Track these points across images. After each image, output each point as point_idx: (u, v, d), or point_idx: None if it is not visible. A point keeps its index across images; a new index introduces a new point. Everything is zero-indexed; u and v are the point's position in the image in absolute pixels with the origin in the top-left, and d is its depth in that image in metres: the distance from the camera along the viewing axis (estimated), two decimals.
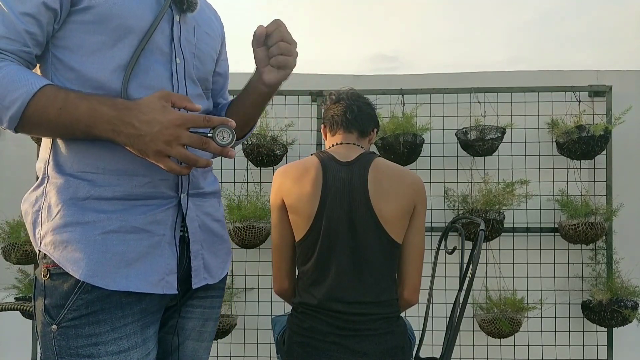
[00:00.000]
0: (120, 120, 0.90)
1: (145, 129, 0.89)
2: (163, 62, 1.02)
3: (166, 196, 1.02)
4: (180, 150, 0.91)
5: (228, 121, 0.93)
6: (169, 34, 1.03)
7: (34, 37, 0.92)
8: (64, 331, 0.94)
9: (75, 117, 0.90)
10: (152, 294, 0.99)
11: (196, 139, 0.91)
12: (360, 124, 1.72)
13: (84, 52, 0.96)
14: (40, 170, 1.00)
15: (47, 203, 0.97)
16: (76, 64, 0.96)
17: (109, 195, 0.96)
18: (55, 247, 0.95)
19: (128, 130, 0.89)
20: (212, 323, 1.19)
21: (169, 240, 1.01)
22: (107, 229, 0.95)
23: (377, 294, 1.59)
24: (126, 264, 0.96)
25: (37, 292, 0.99)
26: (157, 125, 0.89)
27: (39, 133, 0.97)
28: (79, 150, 0.96)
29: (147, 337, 1.00)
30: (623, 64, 4.91)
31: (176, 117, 0.90)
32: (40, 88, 0.89)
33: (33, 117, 0.89)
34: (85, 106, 0.90)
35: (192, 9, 1.06)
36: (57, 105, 0.89)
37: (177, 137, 0.90)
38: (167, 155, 0.91)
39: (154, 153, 0.90)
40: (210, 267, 1.11)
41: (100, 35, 0.95)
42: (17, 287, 2.65)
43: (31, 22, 0.91)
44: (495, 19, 7.13)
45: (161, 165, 0.92)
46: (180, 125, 0.90)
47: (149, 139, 0.89)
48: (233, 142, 0.93)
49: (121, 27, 0.96)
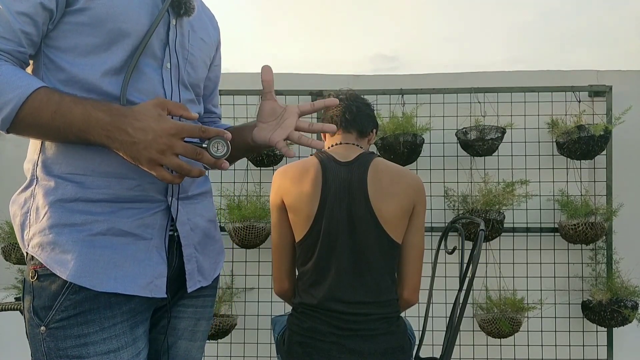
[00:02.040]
0: (114, 126, 0.88)
1: (139, 137, 0.88)
2: (155, 67, 1.01)
3: (155, 200, 1.01)
4: (173, 159, 0.90)
5: (224, 133, 0.93)
6: (163, 38, 1.02)
7: (29, 37, 0.91)
8: (53, 332, 0.94)
9: (69, 121, 0.89)
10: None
11: (190, 150, 0.90)
12: (359, 124, 1.72)
13: (77, 54, 0.95)
14: (29, 172, 0.99)
15: (35, 205, 0.96)
16: (68, 65, 0.95)
17: (98, 197, 0.96)
18: (42, 249, 0.94)
19: (122, 137, 0.88)
20: (205, 322, 1.18)
21: (157, 244, 1.01)
22: (94, 231, 0.95)
23: (377, 294, 1.59)
24: (114, 266, 0.95)
25: (25, 294, 0.98)
26: (151, 134, 0.88)
27: (31, 135, 0.96)
28: (68, 152, 0.96)
29: (137, 337, 1.00)
30: (623, 64, 4.91)
31: (171, 126, 0.89)
32: (34, 90, 0.88)
33: (26, 120, 0.88)
34: (80, 111, 0.89)
35: (189, 14, 1.04)
36: (51, 108, 0.88)
37: (170, 147, 0.89)
38: (160, 164, 0.90)
39: (147, 161, 0.89)
40: (203, 269, 1.11)
41: (95, 38, 0.95)
42: (17, 287, 2.65)
43: (27, 21, 0.90)
44: (495, 19, 7.13)
45: (153, 173, 0.91)
46: (175, 135, 0.89)
47: (142, 146, 0.88)
48: (227, 155, 0.93)
49: (116, 30, 0.95)
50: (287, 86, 2.76)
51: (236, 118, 2.74)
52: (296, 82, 2.80)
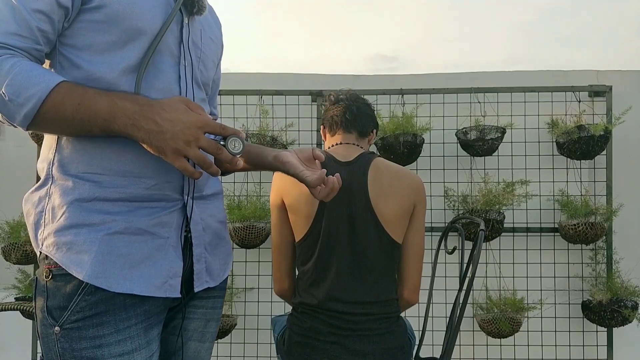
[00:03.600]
0: (141, 115, 0.89)
1: (167, 126, 0.89)
2: (172, 64, 1.02)
3: (171, 199, 1.02)
4: (197, 152, 0.91)
5: (240, 132, 0.97)
6: (177, 36, 1.03)
7: (46, 35, 0.91)
8: (67, 333, 0.93)
9: (94, 112, 0.89)
10: (156, 296, 0.99)
11: (213, 144, 0.93)
12: (360, 124, 1.72)
13: (93, 52, 0.95)
14: (43, 171, 0.99)
15: (51, 205, 0.96)
16: (84, 63, 0.95)
17: (115, 196, 0.96)
18: (58, 249, 0.94)
19: (149, 126, 0.89)
20: (214, 323, 1.18)
21: (173, 243, 1.01)
22: (112, 230, 0.95)
23: (377, 294, 1.59)
24: (130, 266, 0.95)
25: (38, 294, 0.97)
26: (179, 125, 0.90)
27: (52, 130, 0.96)
28: (85, 151, 0.95)
29: (151, 339, 1.00)
30: (623, 64, 4.92)
31: (198, 119, 0.91)
32: (57, 84, 0.88)
33: (48, 114, 0.88)
34: (105, 101, 0.89)
35: (201, 12, 1.06)
36: (75, 100, 0.89)
37: (196, 139, 0.91)
38: (185, 155, 0.91)
39: (173, 151, 0.90)
40: (212, 270, 1.11)
41: (111, 36, 0.95)
42: (17, 287, 2.65)
43: (43, 19, 0.90)
44: (495, 19, 7.13)
45: (176, 164, 0.92)
46: (201, 128, 0.91)
47: (169, 136, 0.89)
48: (242, 153, 0.97)
49: (132, 28, 0.95)
50: (287, 86, 2.76)
51: (236, 118, 2.74)
52: (296, 82, 2.80)
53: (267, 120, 2.71)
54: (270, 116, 2.74)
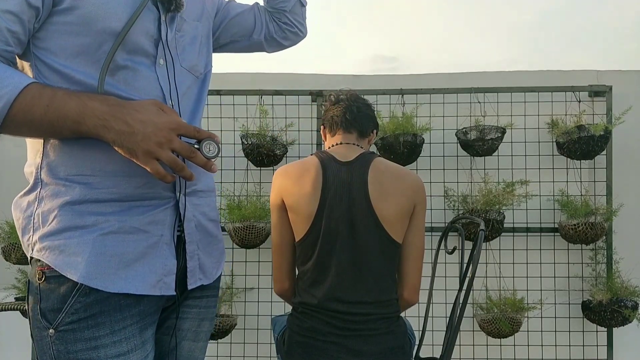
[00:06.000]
0: (112, 115, 0.87)
1: (138, 127, 0.87)
2: (148, 64, 1.00)
3: (164, 197, 1.01)
4: (169, 154, 0.89)
5: (215, 136, 0.94)
6: (154, 34, 1.01)
7: (16, 36, 0.89)
8: (62, 335, 0.92)
9: (63, 114, 0.87)
10: (150, 296, 0.98)
11: (186, 147, 0.91)
12: (360, 124, 1.72)
13: (68, 55, 0.93)
14: (32, 175, 0.97)
15: (42, 209, 0.94)
16: (61, 67, 0.93)
17: (106, 197, 0.95)
18: (50, 252, 0.93)
19: (120, 126, 0.87)
20: (208, 323, 1.18)
21: (167, 240, 1.01)
22: (105, 231, 0.94)
23: (377, 293, 1.59)
24: (125, 266, 0.95)
25: (31, 296, 0.96)
26: (151, 126, 0.88)
27: (23, 134, 0.94)
28: (73, 153, 0.94)
29: (146, 339, 0.99)
30: (623, 64, 4.92)
31: (171, 120, 0.90)
32: (25, 86, 0.86)
33: (18, 117, 0.86)
34: (75, 102, 0.87)
35: (179, 9, 1.03)
36: (44, 102, 0.86)
37: (169, 141, 0.89)
38: (156, 158, 0.89)
39: (144, 153, 0.88)
40: (205, 267, 1.11)
41: (84, 38, 0.93)
42: (17, 287, 2.65)
43: (13, 20, 0.88)
44: (495, 19, 7.13)
45: (147, 168, 0.90)
46: (174, 130, 0.90)
47: (140, 137, 0.87)
48: (218, 157, 0.95)
49: (106, 29, 0.93)
50: (287, 86, 2.76)
51: (236, 118, 2.74)
52: (296, 82, 2.80)
53: (267, 120, 2.71)
54: (270, 116, 2.74)
